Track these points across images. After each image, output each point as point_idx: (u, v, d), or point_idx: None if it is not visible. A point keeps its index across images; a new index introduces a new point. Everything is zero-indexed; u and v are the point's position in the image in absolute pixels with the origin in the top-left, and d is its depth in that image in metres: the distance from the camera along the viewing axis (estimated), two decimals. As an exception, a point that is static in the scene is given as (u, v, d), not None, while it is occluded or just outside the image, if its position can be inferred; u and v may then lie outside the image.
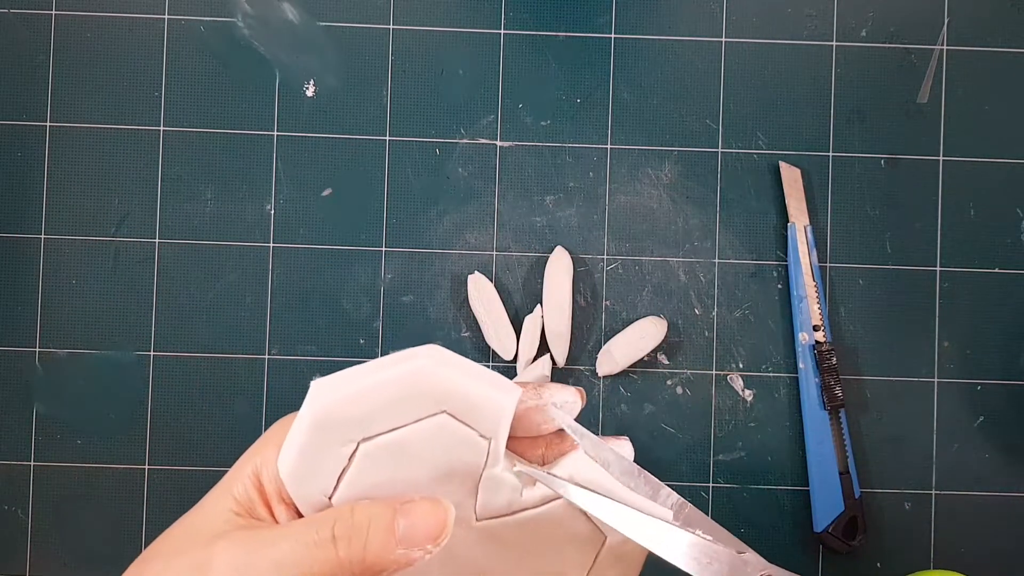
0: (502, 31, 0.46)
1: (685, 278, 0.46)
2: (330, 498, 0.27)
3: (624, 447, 0.29)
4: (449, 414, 0.27)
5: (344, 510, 0.26)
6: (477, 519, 0.29)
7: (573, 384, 0.45)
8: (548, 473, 0.28)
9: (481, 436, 0.28)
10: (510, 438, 0.28)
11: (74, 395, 0.45)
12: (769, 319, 0.46)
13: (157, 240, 0.46)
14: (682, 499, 0.29)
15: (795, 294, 0.45)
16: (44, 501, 0.45)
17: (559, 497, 0.28)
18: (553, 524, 0.29)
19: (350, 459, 0.27)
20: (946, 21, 0.47)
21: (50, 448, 0.45)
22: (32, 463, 0.45)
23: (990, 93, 0.46)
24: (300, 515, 0.27)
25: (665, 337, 0.45)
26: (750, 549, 0.29)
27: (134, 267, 0.45)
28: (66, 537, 0.45)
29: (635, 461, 0.32)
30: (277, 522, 0.27)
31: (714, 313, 0.46)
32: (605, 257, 0.46)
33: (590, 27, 0.46)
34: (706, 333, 0.46)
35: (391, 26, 0.46)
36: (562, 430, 0.29)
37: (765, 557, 0.47)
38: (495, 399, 0.28)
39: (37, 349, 0.45)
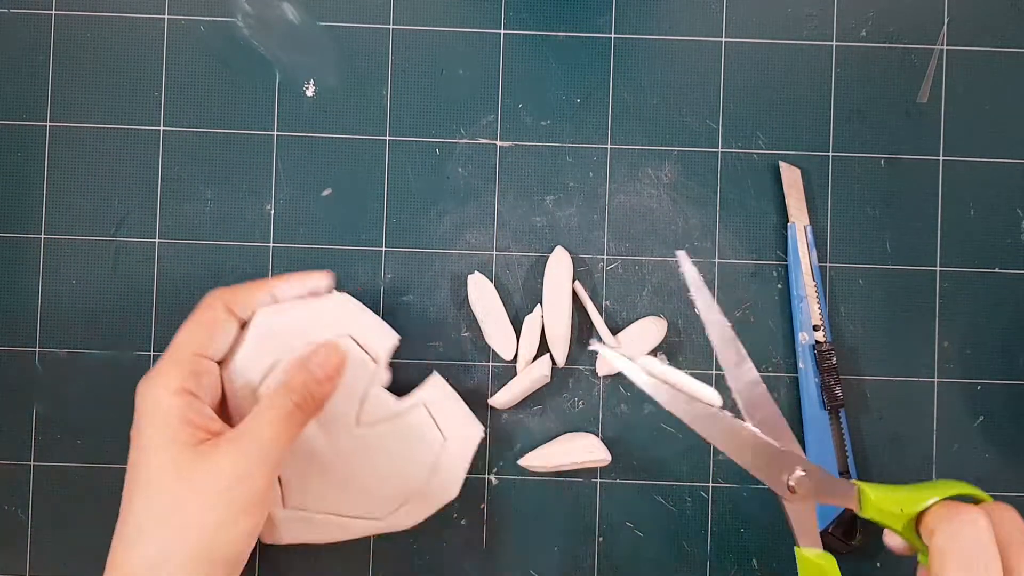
0: (502, 31, 0.46)
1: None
2: (255, 391, 0.39)
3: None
4: (352, 338, 0.40)
5: (282, 390, 0.37)
6: (358, 424, 0.41)
7: (573, 383, 0.45)
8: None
9: (372, 359, 0.41)
10: None
11: (74, 395, 0.45)
12: (769, 319, 0.46)
13: (157, 240, 0.46)
14: (758, 377, 0.36)
15: (795, 294, 0.45)
16: (44, 501, 0.45)
17: (416, 406, 0.42)
18: (409, 429, 0.41)
19: (274, 364, 0.39)
20: (946, 21, 0.47)
21: (50, 448, 0.45)
22: (32, 463, 0.45)
23: (990, 93, 0.46)
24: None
25: (665, 337, 0.45)
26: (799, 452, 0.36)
27: (134, 267, 0.45)
28: (66, 537, 0.45)
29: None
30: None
31: (714, 313, 0.46)
32: (605, 257, 0.46)
33: (590, 27, 0.46)
34: (706, 333, 0.46)
35: (391, 26, 0.46)
36: None
37: (765, 557, 0.47)
38: (387, 335, 0.41)
39: (37, 349, 0.45)
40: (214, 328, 0.38)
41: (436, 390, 0.43)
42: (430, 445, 0.42)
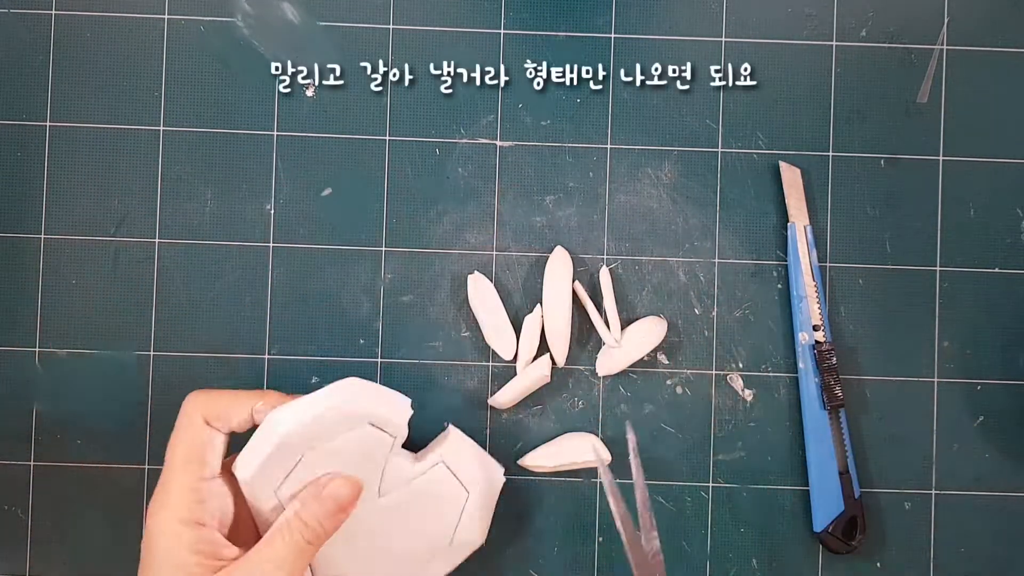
0: (502, 31, 0.46)
1: (685, 278, 0.46)
2: (276, 491, 0.38)
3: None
4: (372, 424, 0.39)
5: (295, 520, 0.37)
6: (380, 495, 0.40)
7: (573, 383, 0.45)
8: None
9: (390, 435, 0.39)
10: None
11: (74, 395, 0.45)
12: (769, 319, 0.46)
13: (157, 240, 0.46)
14: None
15: (795, 294, 0.45)
16: (44, 501, 0.45)
17: (435, 465, 0.41)
18: (430, 488, 0.41)
19: (296, 463, 0.38)
20: (946, 21, 0.47)
21: (50, 448, 0.45)
22: (32, 463, 0.45)
23: (990, 93, 0.46)
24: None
25: (665, 337, 0.45)
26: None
27: (134, 267, 0.45)
28: (66, 537, 0.45)
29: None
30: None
31: (714, 313, 0.46)
32: (605, 257, 0.46)
33: (590, 27, 0.46)
34: (706, 333, 0.46)
35: (391, 26, 0.46)
36: None
37: (765, 557, 0.47)
38: (401, 406, 0.40)
39: (37, 349, 0.45)
40: (204, 450, 0.38)
41: (453, 444, 0.42)
42: (453, 501, 0.41)
